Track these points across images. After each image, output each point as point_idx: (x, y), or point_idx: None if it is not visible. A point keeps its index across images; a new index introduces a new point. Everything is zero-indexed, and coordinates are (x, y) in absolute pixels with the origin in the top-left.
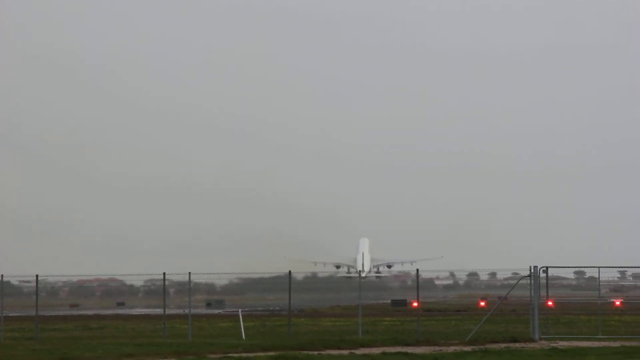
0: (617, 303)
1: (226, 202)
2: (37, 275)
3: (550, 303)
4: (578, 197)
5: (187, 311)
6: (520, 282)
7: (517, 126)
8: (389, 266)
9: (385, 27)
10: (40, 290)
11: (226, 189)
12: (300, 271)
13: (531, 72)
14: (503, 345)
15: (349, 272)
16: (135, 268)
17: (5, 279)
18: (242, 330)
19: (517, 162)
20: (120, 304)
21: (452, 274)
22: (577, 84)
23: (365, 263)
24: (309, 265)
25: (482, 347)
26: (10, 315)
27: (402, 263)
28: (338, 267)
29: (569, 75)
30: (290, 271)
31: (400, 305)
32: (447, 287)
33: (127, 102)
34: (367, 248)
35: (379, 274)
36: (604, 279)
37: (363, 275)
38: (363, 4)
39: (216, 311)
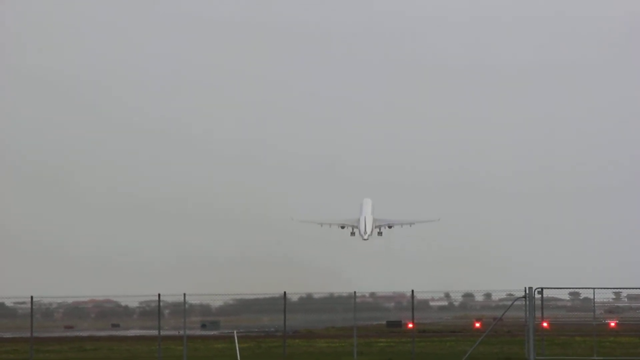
0: (612, 324)
1: (222, 222)
2: (31, 297)
3: (545, 324)
4: (576, 216)
5: (182, 332)
6: (516, 303)
7: (514, 143)
8: (390, 226)
9: (375, 40)
10: (35, 311)
11: (222, 209)
12: (295, 292)
13: (529, 89)
14: None
15: (352, 232)
16: (130, 289)
17: None
18: (238, 352)
19: (512, 181)
20: (115, 326)
21: (447, 295)
22: (575, 100)
23: (367, 224)
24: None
25: None
26: (4, 336)
27: (402, 225)
28: (342, 227)
29: (567, 90)
30: (285, 292)
31: (395, 326)
32: (442, 308)
33: (121, 122)
34: (370, 209)
35: (381, 234)
36: (599, 300)
37: (365, 237)
38: (357, 18)
39: (211, 332)
